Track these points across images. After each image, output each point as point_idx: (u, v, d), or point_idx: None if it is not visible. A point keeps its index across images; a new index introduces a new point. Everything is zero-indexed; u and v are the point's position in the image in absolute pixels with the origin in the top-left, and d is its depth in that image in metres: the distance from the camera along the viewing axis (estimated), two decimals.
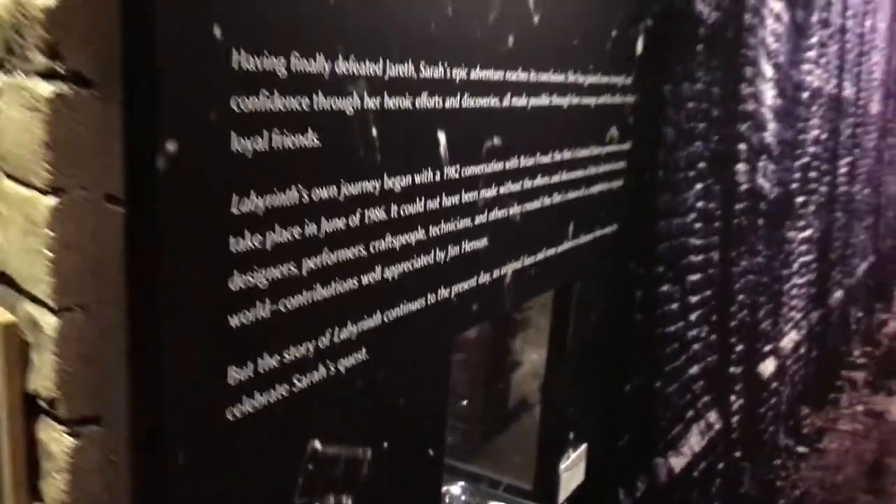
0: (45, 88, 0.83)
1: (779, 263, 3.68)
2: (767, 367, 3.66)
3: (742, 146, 2.96)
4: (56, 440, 0.91)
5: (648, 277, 2.33)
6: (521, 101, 1.38)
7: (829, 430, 3.62)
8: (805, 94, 3.65)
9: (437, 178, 1.19)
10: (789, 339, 4.04)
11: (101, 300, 0.89)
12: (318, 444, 1.06)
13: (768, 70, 3.06)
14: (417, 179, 1.14)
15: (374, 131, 1.04)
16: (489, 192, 1.33)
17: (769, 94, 3.12)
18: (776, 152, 3.36)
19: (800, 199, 3.91)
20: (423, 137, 1.15)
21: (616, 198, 1.90)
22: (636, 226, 2.12)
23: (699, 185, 2.60)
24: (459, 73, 1.20)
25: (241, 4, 0.84)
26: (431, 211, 1.18)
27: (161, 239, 0.81)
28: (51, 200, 0.84)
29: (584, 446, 2.02)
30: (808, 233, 4.18)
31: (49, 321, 0.88)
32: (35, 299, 0.89)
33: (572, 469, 1.98)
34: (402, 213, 1.12)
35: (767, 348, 3.69)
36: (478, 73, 1.24)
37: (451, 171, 1.22)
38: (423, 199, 1.16)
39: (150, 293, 0.83)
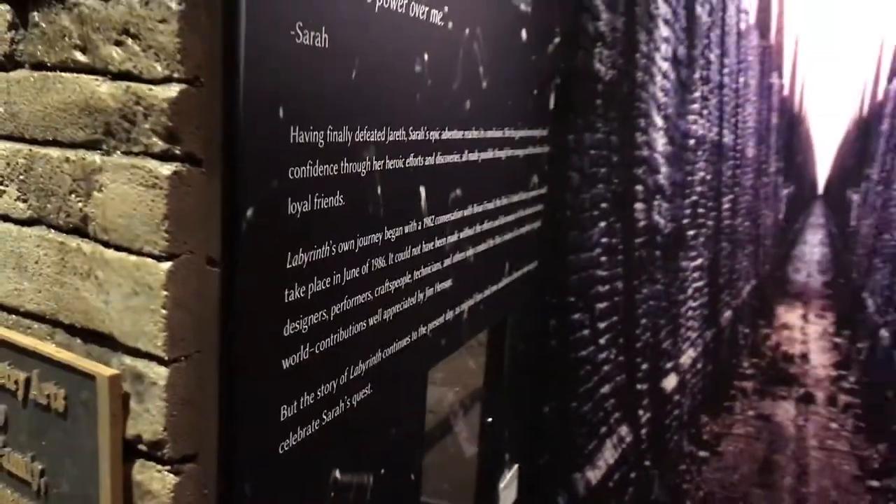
0: (166, 168, 0.92)
1: (675, 289, 3.92)
2: (670, 382, 3.88)
3: (639, 187, 3.23)
4: (158, 479, 0.97)
5: (561, 307, 2.52)
6: (474, 156, 1.56)
7: (726, 435, 3.90)
8: (691, 142, 3.97)
9: (420, 227, 1.33)
10: (687, 356, 4.28)
11: (201, 350, 0.96)
12: (338, 474, 1.17)
13: (659, 121, 3.37)
14: (406, 230, 1.28)
15: (379, 190, 1.18)
16: (453, 238, 1.49)
17: (660, 141, 3.43)
18: (668, 192, 3.64)
19: (691, 233, 4.20)
20: (410, 192, 1.30)
21: (537, 237, 2.11)
22: (551, 261, 2.32)
23: (603, 223, 2.83)
24: (434, 135, 1.36)
25: (294, 88, 0.96)
26: (415, 257, 1.31)
27: (242, 295, 0.92)
28: (166, 265, 0.93)
29: (516, 466, 2.17)
30: (698, 262, 4.46)
31: (159, 371, 0.95)
32: (139, 353, 0.96)
33: (509, 488, 2.12)
34: (396, 260, 1.25)
35: (669, 365, 3.92)
36: (447, 134, 1.41)
37: (429, 221, 1.37)
38: (410, 247, 1.29)
39: (233, 343, 0.92)
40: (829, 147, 2.75)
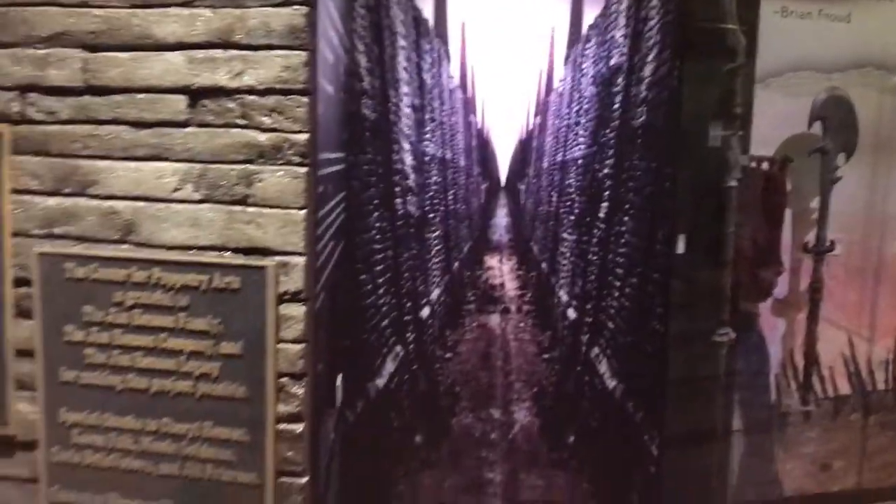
0: (303, 170, 1.54)
1: (424, 252, 4.20)
2: (425, 312, 4.14)
3: (397, 189, 3.32)
4: (296, 308, 1.55)
5: (352, 273, 2.65)
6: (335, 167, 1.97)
7: (461, 341, 4.35)
8: (426, 158, 4.15)
9: None
10: (435, 294, 4.60)
11: (307, 251, 1.58)
12: None
13: (406, 145, 3.51)
14: None
15: None
16: None
17: (408, 158, 3.56)
18: (416, 190, 3.83)
19: (431, 215, 4.48)
20: None
21: (341, 226, 2.25)
22: (349, 241, 2.45)
23: (377, 213, 2.88)
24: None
25: None
26: None
27: (313, 224, 1.60)
28: (304, 212, 1.61)
29: (340, 375, 2.30)
30: (437, 233, 4.81)
31: (300, 260, 1.58)
32: (287, 253, 1.56)
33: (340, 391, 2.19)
34: None
35: (424, 301, 4.16)
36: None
37: None
38: None
39: (317, 246, 1.60)
40: (506, 157, 3.33)
